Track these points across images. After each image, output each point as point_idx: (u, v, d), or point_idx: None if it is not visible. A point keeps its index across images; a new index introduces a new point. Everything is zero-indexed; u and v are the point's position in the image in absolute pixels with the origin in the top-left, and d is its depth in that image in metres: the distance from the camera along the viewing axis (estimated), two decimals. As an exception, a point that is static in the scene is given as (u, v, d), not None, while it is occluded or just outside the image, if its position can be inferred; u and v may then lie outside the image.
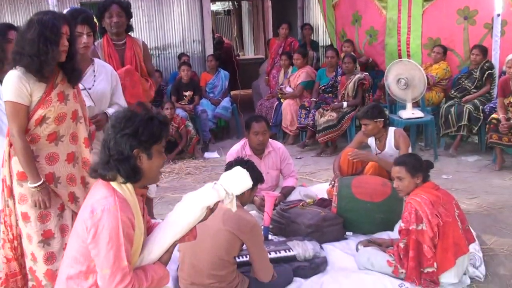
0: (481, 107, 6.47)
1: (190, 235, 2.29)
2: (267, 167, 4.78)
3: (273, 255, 3.59)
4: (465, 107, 6.49)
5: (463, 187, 5.40)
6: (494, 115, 5.86)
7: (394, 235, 3.91)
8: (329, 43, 9.75)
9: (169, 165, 7.03)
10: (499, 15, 6.52)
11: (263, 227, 3.94)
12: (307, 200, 4.48)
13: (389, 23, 7.60)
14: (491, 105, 6.35)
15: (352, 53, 7.64)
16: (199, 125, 7.90)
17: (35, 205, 2.89)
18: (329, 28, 8.91)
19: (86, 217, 2.06)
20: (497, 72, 6.69)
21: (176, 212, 2.19)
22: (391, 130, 4.76)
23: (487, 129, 6.00)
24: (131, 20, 4.34)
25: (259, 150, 4.78)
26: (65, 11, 3.52)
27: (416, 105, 6.79)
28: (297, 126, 7.70)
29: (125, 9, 4.23)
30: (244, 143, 4.85)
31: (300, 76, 7.90)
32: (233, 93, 9.28)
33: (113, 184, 2.11)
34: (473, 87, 6.71)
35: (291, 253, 3.64)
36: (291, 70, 8.20)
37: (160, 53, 9.57)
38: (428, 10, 7.19)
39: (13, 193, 2.95)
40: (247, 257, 3.29)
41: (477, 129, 6.54)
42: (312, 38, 9.63)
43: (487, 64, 6.66)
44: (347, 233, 4.19)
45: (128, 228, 2.01)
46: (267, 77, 8.95)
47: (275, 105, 8.08)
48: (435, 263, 3.28)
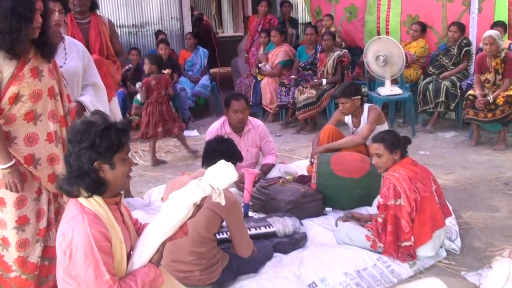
0: (458, 83, 6.54)
1: (180, 232, 2.28)
2: (247, 145, 4.78)
3: (253, 231, 3.62)
4: (442, 84, 6.56)
5: (440, 162, 5.49)
6: (470, 92, 5.92)
7: (372, 210, 3.96)
8: (308, 21, 9.72)
9: (148, 143, 6.97)
10: (476, -8, 6.56)
11: (243, 204, 3.96)
12: (286, 177, 4.51)
13: (370, 0, 7.60)
14: (468, 82, 6.41)
15: (331, 28, 7.63)
16: (178, 104, 7.84)
17: (6, 188, 2.79)
18: (306, 5, 8.89)
19: (60, 241, 2.04)
20: (474, 49, 6.76)
21: (163, 212, 2.17)
22: (366, 106, 4.79)
23: (464, 105, 6.07)
24: None
25: (238, 128, 4.78)
26: None
27: (394, 82, 6.83)
28: (277, 104, 7.70)
29: None
30: (223, 121, 4.85)
31: (278, 55, 7.87)
32: (212, 71, 9.21)
33: (80, 200, 2.05)
34: (450, 64, 6.77)
35: (271, 229, 3.67)
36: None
37: (137, 30, 9.42)
38: (408, -13, 7.21)
39: None
40: (227, 234, 3.31)
41: (454, 105, 6.62)
42: (291, 15, 9.57)
43: (464, 41, 6.72)
44: (327, 209, 4.23)
45: (102, 241, 1.96)
46: (246, 55, 8.90)
47: (253, 83, 8.06)
48: (412, 237, 3.34)
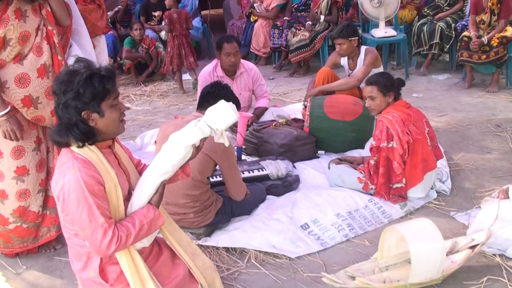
0: (453, 25, 6.44)
1: (182, 174, 2.26)
2: (240, 88, 4.75)
3: (247, 174, 3.65)
4: (437, 25, 6.46)
5: (433, 105, 5.49)
6: (465, 33, 5.85)
7: (365, 153, 3.99)
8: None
9: (140, 88, 6.94)
10: None
11: (236, 147, 3.98)
12: (279, 120, 4.51)
13: None
14: (463, 23, 6.32)
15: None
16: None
17: (5, 137, 2.77)
18: None
19: (53, 189, 2.04)
20: (470, -12, 6.62)
21: (161, 153, 2.13)
22: (363, 48, 4.74)
23: (458, 47, 6.01)
24: None
25: (231, 71, 4.73)
26: None
27: (389, 23, 6.72)
28: (270, 47, 7.59)
29: None
30: (215, 64, 4.79)
31: (274, -2, 7.67)
32: (203, 13, 9.01)
33: (72, 147, 2.03)
34: (446, 5, 6.65)
35: (264, 172, 3.70)
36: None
37: (126, -29, 9.14)
38: None
39: None
40: (221, 177, 3.34)
41: (448, 47, 6.55)
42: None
43: (460, -20, 6.58)
44: (319, 152, 4.26)
45: (93, 185, 1.95)
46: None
47: (244, 25, 7.91)
48: (403, 179, 3.39)
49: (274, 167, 3.74)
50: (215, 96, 3.03)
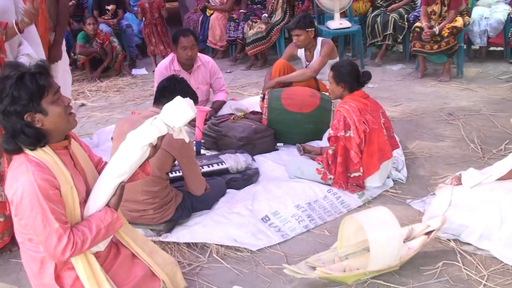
0: (406, 15, 6.58)
1: (141, 173, 2.21)
2: (197, 82, 4.72)
3: (206, 168, 3.63)
4: (390, 16, 6.58)
5: (388, 95, 5.59)
6: (417, 24, 5.97)
7: (323, 144, 4.04)
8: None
9: (95, 83, 6.81)
10: None
11: (195, 142, 3.96)
12: (238, 113, 4.50)
13: None
14: (415, 14, 6.46)
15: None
16: (124, 41, 7.62)
17: None
18: None
19: (7, 192, 1.97)
20: (421, -20, 6.76)
21: (118, 153, 2.08)
22: (319, 40, 4.78)
23: (411, 37, 6.14)
24: None
25: (187, 65, 4.69)
26: None
27: (343, 15, 6.81)
28: (226, 39, 7.57)
29: None
30: (172, 58, 4.74)
31: (228, -10, 7.65)
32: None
33: (26, 150, 1.96)
34: (398, -4, 6.78)
35: (224, 166, 3.70)
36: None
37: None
38: None
39: None
40: (180, 172, 3.32)
41: (401, 38, 6.68)
42: None
43: (412, -28, 6.71)
44: (278, 144, 4.28)
45: (48, 189, 1.89)
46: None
47: (201, 19, 7.86)
48: (361, 168, 3.45)
49: (233, 161, 3.74)
50: (171, 90, 2.99)
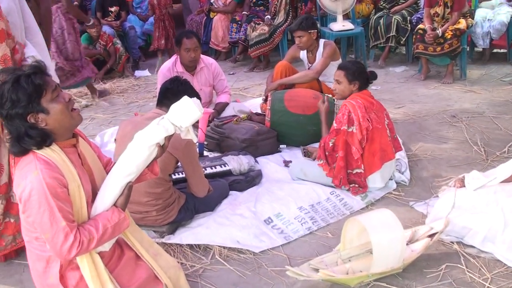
0: (408, 18, 6.58)
1: (149, 173, 2.21)
2: (200, 84, 4.72)
3: (209, 170, 3.64)
4: (393, 18, 6.58)
5: (391, 97, 5.59)
6: (420, 26, 5.97)
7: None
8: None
9: (99, 85, 6.82)
10: None
11: (197, 143, 3.96)
12: (241, 115, 4.51)
13: None
14: (418, 16, 6.46)
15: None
16: (127, 43, 7.63)
17: None
18: None
19: (15, 190, 1.98)
20: (424, -18, 6.76)
21: (125, 153, 2.07)
22: (322, 42, 4.78)
23: (414, 39, 6.13)
24: None
25: (191, 67, 4.69)
26: None
27: (346, 17, 6.81)
28: (228, 41, 7.58)
29: None
30: (175, 60, 4.74)
31: (231, -9, 7.66)
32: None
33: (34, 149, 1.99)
34: (401, -2, 6.78)
35: (227, 168, 3.70)
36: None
37: (80, -35, 8.95)
38: None
39: None
40: (182, 173, 3.32)
41: (404, 40, 6.68)
42: None
43: (414, -26, 6.71)
44: (281, 146, 4.29)
45: (56, 187, 1.90)
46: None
47: (204, 20, 7.87)
48: (362, 165, 3.44)
49: (236, 162, 3.74)
50: (174, 92, 2.99)
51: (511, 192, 2.83)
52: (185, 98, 2.06)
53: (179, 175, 3.47)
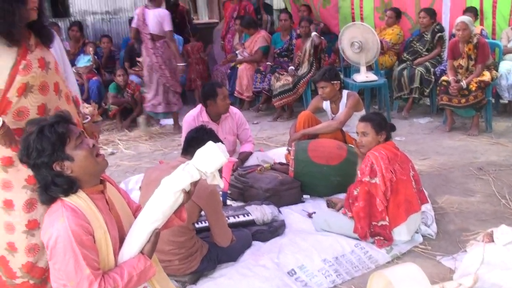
0: (432, 69, 6.60)
1: (176, 219, 2.21)
2: (224, 133, 4.77)
3: (232, 220, 3.62)
4: (417, 70, 6.62)
5: (415, 148, 5.55)
6: (444, 77, 5.98)
7: (349, 197, 4.00)
8: (283, 7, 9.68)
9: (124, 133, 6.93)
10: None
11: (221, 192, 3.96)
12: (264, 165, 4.52)
13: (342, -15, 7.61)
14: (442, 68, 6.48)
15: (309, 16, 7.62)
16: (153, 92, 7.76)
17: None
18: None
19: (42, 237, 2.02)
20: (447, 34, 6.83)
21: (151, 199, 2.09)
22: (345, 93, 4.82)
23: (437, 91, 6.14)
24: None
25: (216, 116, 4.76)
26: None
27: (369, 68, 6.88)
28: (252, 90, 7.68)
29: None
30: (200, 110, 4.82)
31: (257, 41, 7.82)
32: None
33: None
34: (424, 50, 6.83)
35: (250, 218, 3.68)
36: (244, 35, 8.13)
37: (111, 17, 9.29)
38: (380, -28, 7.24)
39: None
40: (206, 222, 3.31)
41: (428, 91, 6.69)
42: (266, 1, 9.52)
43: (437, 27, 6.78)
44: (304, 196, 4.26)
45: (81, 235, 1.92)
46: (222, 42, 8.84)
47: (228, 71, 8.01)
48: (387, 217, 3.39)
49: (259, 212, 3.72)
50: (199, 140, 3.01)
51: (542, 248, 2.75)
52: (210, 143, 2.07)
53: (202, 224, 3.46)
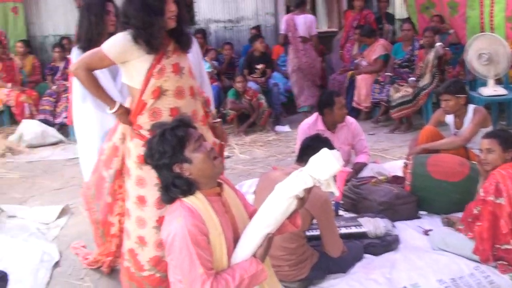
0: None
1: (290, 225, 2.23)
2: (339, 142, 4.72)
3: (344, 230, 3.57)
4: (552, 85, 6.12)
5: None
6: None
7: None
8: (406, 16, 9.40)
9: (240, 138, 7.11)
10: None
11: (333, 202, 3.92)
12: (379, 177, 4.41)
13: (471, -6, 7.22)
14: None
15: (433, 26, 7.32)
16: (271, 98, 7.90)
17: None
18: (409, 0, 8.53)
19: (161, 234, 2.15)
20: None
21: (265, 203, 2.12)
22: (471, 107, 4.57)
23: None
24: None
25: (332, 125, 4.73)
26: None
27: (498, 82, 6.46)
28: (370, 101, 7.53)
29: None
30: (316, 118, 4.81)
31: (376, 50, 7.68)
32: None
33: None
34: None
35: (362, 230, 3.60)
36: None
37: (233, 26, 9.61)
38: (514, -21, 6.77)
39: (130, 173, 2.88)
40: (317, 231, 3.29)
41: None
42: (388, 10, 9.32)
43: None
44: (421, 212, 4.09)
45: (197, 235, 1.99)
46: (340, 51, 8.78)
47: (347, 81, 7.93)
48: (511, 240, 3.16)
49: (372, 225, 3.63)
50: (314, 149, 2.98)
51: None
52: (325, 150, 2.06)
53: (313, 232, 3.44)
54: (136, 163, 2.82)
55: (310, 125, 4.79)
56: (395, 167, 4.97)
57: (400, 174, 4.60)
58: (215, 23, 9.55)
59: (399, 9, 10.11)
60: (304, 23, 7.76)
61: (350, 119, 4.92)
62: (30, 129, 7.28)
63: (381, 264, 3.32)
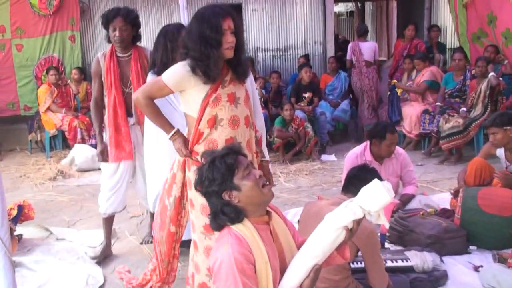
0: None
1: (338, 257, 2.20)
2: (387, 174, 4.64)
3: (389, 263, 3.49)
4: None
5: None
6: None
7: (524, 253, 3.63)
8: (457, 45, 9.25)
9: (286, 166, 7.10)
10: None
11: (380, 234, 3.85)
12: (427, 209, 4.31)
13: (527, 24, 7.05)
14: None
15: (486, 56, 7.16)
16: (317, 127, 7.90)
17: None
18: (460, 29, 8.41)
19: (209, 261, 2.17)
20: None
21: (313, 234, 2.11)
22: (523, 140, 4.41)
23: None
24: (140, 30, 4.10)
25: (379, 157, 4.66)
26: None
27: (555, 113, 6.24)
28: (419, 131, 7.41)
29: (131, 21, 3.95)
30: (364, 148, 4.75)
31: (424, 75, 7.61)
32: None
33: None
34: None
35: (409, 263, 3.51)
36: (415, 74, 7.91)
37: (281, 54, 9.70)
38: None
39: (193, 203, 2.91)
40: (362, 263, 3.23)
41: None
42: (439, 40, 9.20)
43: None
44: (471, 247, 3.96)
45: (243, 263, 1.99)
46: (389, 80, 8.70)
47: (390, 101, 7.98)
48: None
49: (419, 259, 3.54)
50: (361, 179, 2.97)
51: None
52: (375, 181, 2.03)
53: (358, 264, 3.38)
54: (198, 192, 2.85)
55: (358, 154, 4.74)
56: (443, 200, 4.86)
57: (448, 207, 4.49)
58: (264, 51, 9.68)
59: (451, 39, 9.98)
60: (368, 48, 8.52)
61: (399, 150, 4.83)
62: (81, 153, 7.53)
63: (428, 300, 3.22)
